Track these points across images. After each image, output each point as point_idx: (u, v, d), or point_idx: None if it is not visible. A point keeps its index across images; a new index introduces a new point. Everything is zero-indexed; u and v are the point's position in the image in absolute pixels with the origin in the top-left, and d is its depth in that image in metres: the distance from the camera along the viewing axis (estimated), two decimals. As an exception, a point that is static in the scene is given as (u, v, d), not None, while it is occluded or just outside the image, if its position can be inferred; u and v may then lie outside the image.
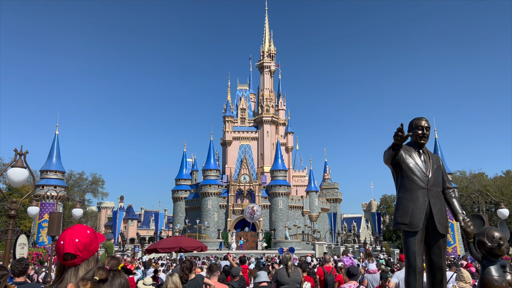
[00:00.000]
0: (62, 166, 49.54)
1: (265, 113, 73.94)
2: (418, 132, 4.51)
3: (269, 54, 77.63)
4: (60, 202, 47.22)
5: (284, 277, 7.56)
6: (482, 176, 72.51)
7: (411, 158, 4.41)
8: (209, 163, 67.05)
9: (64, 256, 2.01)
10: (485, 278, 3.87)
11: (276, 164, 66.16)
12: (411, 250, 4.23)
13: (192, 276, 6.82)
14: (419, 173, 4.36)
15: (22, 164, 9.84)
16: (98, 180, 76.16)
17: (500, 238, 3.88)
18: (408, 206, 4.29)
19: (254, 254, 41.71)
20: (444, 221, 4.36)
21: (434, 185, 4.38)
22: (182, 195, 70.42)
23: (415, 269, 4.18)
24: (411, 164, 4.38)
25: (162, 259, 31.20)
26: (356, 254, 42.44)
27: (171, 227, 76.08)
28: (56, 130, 48.98)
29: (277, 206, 64.47)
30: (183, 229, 64.61)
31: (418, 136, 4.51)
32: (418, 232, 4.23)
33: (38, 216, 40.70)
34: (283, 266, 7.86)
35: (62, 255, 2.01)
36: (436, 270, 4.31)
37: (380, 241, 57.03)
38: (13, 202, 10.06)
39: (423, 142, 4.53)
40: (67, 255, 1.99)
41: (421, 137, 4.51)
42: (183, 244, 13.89)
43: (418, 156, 4.46)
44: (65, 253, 2.00)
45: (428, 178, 4.36)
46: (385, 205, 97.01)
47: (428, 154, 4.56)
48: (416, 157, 4.44)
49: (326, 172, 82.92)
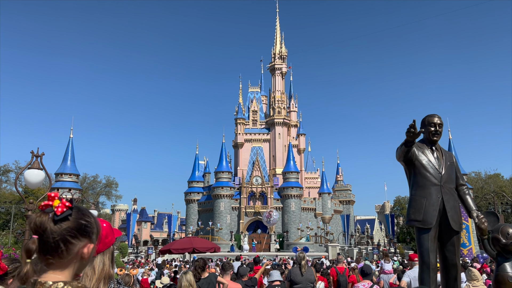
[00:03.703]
0: (76, 169, 50.18)
1: (276, 115, 73.92)
2: (430, 129, 4.49)
3: (280, 56, 77.65)
4: (75, 205, 47.76)
5: (298, 276, 7.56)
6: (497, 177, 71.29)
7: (424, 155, 4.40)
8: (221, 165, 67.26)
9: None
10: (500, 275, 3.84)
11: (288, 166, 66.05)
12: (425, 247, 4.21)
13: (205, 275, 6.88)
14: (432, 169, 4.34)
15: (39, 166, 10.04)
16: (112, 183, 76.80)
17: (515, 235, 3.84)
18: (421, 203, 4.28)
19: (267, 256, 41.66)
20: (458, 217, 4.33)
21: (447, 182, 4.36)
22: (194, 197, 70.73)
23: (429, 266, 4.17)
24: (424, 161, 4.37)
25: (176, 261, 31.35)
26: (370, 256, 42.11)
27: (184, 229, 76.43)
28: (70, 133, 49.70)
29: (289, 208, 64.33)
30: (196, 231, 64.84)
31: (430, 132, 4.49)
32: (432, 229, 4.21)
33: (54, 218, 41.22)
34: (297, 265, 7.86)
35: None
36: (450, 266, 4.29)
37: (394, 243, 56.45)
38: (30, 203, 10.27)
39: (436, 139, 4.51)
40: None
41: (434, 133, 4.49)
42: (196, 245, 13.97)
43: (431, 153, 4.45)
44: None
45: (441, 175, 4.34)
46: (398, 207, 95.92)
47: (441, 151, 4.54)
48: (429, 154, 4.43)
49: (338, 173, 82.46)
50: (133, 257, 42.51)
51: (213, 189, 66.45)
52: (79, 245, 1.43)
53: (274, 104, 74.76)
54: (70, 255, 1.41)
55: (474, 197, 50.05)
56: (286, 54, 78.52)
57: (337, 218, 73.71)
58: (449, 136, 49.61)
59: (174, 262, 29.55)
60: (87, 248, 1.45)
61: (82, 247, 1.43)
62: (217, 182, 66.58)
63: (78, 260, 1.44)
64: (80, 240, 1.43)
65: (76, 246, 1.42)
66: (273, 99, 75.51)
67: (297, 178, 66.67)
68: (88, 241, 1.46)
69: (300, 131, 77.16)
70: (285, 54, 78.22)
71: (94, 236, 1.49)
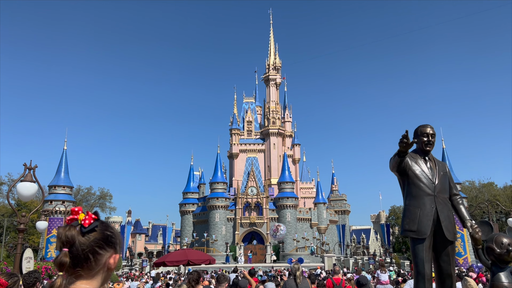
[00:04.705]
0: (70, 181, 49.83)
1: (271, 125, 74.12)
2: (423, 139, 4.52)
3: (274, 67, 78.19)
4: (68, 217, 47.38)
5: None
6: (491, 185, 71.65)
7: (417, 165, 4.42)
8: (216, 176, 67.10)
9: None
10: (495, 285, 3.83)
11: (283, 176, 66.03)
12: (419, 257, 4.21)
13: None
14: (425, 180, 4.36)
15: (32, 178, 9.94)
16: (106, 194, 76.33)
17: (509, 244, 3.84)
18: (416, 213, 4.29)
19: (263, 267, 41.39)
20: (452, 227, 4.34)
21: (441, 192, 4.38)
22: (189, 208, 70.37)
23: (424, 276, 4.16)
24: (417, 171, 4.39)
25: (170, 273, 31.02)
26: (366, 266, 41.96)
27: (179, 241, 75.91)
28: (64, 145, 49.41)
29: (285, 218, 64.14)
30: (191, 242, 64.42)
31: (423, 143, 4.52)
32: (426, 239, 4.22)
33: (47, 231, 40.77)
34: (292, 276, 7.81)
35: None
36: (445, 277, 4.29)
37: (389, 253, 56.36)
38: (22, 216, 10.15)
39: (429, 149, 4.54)
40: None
41: (427, 144, 4.52)
42: (191, 257, 13.87)
43: (424, 163, 4.47)
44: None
45: (434, 185, 4.36)
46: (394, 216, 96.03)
47: (434, 161, 4.57)
48: (422, 164, 4.45)
49: (333, 183, 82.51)
50: (127, 270, 42.06)
51: (208, 200, 66.18)
52: (106, 255, 1.49)
53: (269, 114, 75.03)
54: (99, 266, 1.46)
55: (469, 206, 50.21)
56: (280, 65, 79.13)
57: (333, 228, 73.55)
58: (443, 145, 49.92)
59: (169, 274, 29.24)
60: (113, 258, 1.51)
61: (109, 258, 1.50)
62: (212, 193, 66.35)
63: (105, 271, 1.50)
64: (107, 251, 1.49)
65: (104, 256, 1.48)
66: (267, 109, 75.81)
67: (292, 188, 66.61)
68: (113, 252, 1.52)
69: (295, 141, 77.35)
70: (279, 65, 78.81)
71: (118, 247, 1.55)
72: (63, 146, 49.41)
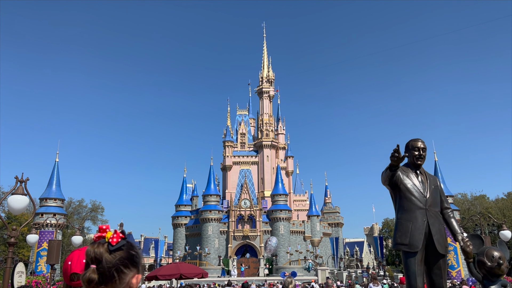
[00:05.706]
0: (61, 194, 49.33)
1: (264, 138, 74.28)
2: (414, 153, 4.59)
3: (268, 79, 78.72)
4: (59, 230, 46.80)
5: (286, 302, 7.46)
6: (483, 198, 72.01)
7: (408, 179, 4.48)
8: (209, 188, 66.84)
9: (71, 277, 2.07)
10: (487, 299, 3.86)
11: (277, 189, 65.95)
12: (411, 271, 4.24)
13: (193, 302, 6.76)
14: (417, 193, 4.41)
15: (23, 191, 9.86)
16: (98, 207, 75.56)
17: (500, 258, 3.88)
18: (407, 227, 4.33)
19: (256, 281, 41.06)
20: (444, 241, 4.38)
21: (432, 205, 4.43)
22: (182, 221, 69.86)
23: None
24: (408, 184, 4.45)
25: (163, 287, 30.67)
26: (359, 280, 41.79)
27: (171, 254, 75.15)
28: (56, 158, 49.05)
29: (278, 231, 63.87)
30: (183, 256, 63.78)
31: (414, 157, 4.59)
32: (418, 252, 4.25)
33: (37, 244, 40.23)
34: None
35: (69, 275, 2.08)
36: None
37: (383, 265, 56.22)
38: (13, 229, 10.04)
39: (420, 163, 4.61)
40: (74, 275, 2.06)
41: (418, 158, 4.59)
42: (183, 271, 13.76)
43: (416, 177, 4.53)
44: (72, 273, 2.06)
45: (426, 199, 4.41)
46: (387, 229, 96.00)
47: (425, 174, 4.63)
48: (413, 177, 4.51)
49: (327, 196, 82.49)
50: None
51: (201, 213, 65.79)
52: (130, 275, 1.51)
53: (262, 126, 75.26)
54: (122, 284, 1.48)
55: (461, 218, 50.38)
56: (274, 78, 79.69)
57: (326, 241, 73.32)
58: (435, 158, 50.27)
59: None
60: (136, 278, 1.53)
61: (132, 277, 1.51)
62: (205, 205, 66.00)
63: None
64: (131, 270, 1.51)
65: (128, 276, 1.50)
66: (261, 121, 76.07)
67: (286, 200, 66.49)
68: (136, 271, 1.54)
69: (288, 154, 77.47)
70: (272, 77, 79.37)
71: (141, 267, 1.58)
72: (55, 158, 49.07)
